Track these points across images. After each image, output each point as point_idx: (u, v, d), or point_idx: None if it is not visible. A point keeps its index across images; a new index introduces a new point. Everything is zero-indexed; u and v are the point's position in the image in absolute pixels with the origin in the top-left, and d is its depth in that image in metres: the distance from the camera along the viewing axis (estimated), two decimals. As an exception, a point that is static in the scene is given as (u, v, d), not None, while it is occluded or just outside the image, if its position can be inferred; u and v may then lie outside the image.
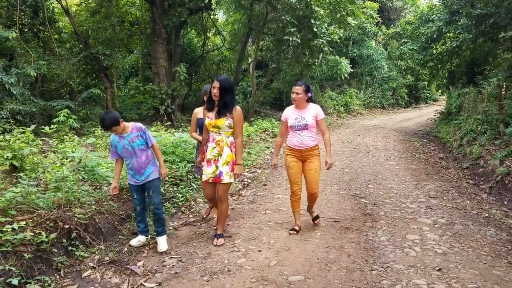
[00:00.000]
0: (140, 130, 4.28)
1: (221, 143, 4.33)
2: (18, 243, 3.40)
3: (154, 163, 4.38)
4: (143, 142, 4.28)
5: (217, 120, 4.28)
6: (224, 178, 4.34)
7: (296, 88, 4.66)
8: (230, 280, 3.66)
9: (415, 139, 13.82)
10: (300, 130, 4.70)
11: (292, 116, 4.76)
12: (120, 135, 4.18)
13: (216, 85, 4.21)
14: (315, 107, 4.78)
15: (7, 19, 13.03)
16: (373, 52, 23.77)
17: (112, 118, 4.04)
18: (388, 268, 3.96)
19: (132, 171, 4.29)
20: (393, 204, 6.16)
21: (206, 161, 4.40)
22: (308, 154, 4.73)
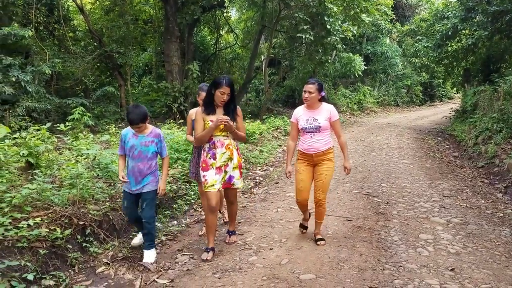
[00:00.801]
0: (158, 136, 4.02)
1: (231, 147, 4.08)
2: (33, 239, 3.46)
3: (155, 174, 4.06)
4: (155, 150, 4.01)
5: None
6: (235, 182, 4.16)
7: (309, 86, 4.21)
8: (241, 278, 3.68)
9: (429, 138, 13.67)
10: (312, 132, 4.29)
11: (303, 117, 4.34)
12: (136, 132, 3.92)
13: (227, 91, 3.91)
14: (329, 107, 4.36)
15: (23, 17, 13.23)
16: (387, 49, 23.56)
17: (142, 113, 3.80)
18: (401, 268, 3.94)
19: (129, 176, 3.97)
20: (406, 203, 6.12)
21: (216, 168, 4.03)
22: (320, 158, 4.32)
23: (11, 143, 5.35)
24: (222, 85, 3.87)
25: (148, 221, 4.00)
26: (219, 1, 16.12)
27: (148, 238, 4.06)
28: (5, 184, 4.18)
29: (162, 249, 4.41)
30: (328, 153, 4.33)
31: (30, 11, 13.18)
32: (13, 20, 12.36)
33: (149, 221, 4.01)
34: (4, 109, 10.24)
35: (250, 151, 9.31)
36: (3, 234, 3.36)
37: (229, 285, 3.55)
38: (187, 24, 15.25)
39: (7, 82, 10.48)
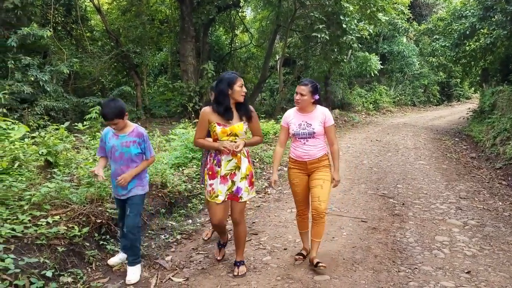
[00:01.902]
0: (141, 136, 3.58)
1: (239, 153, 3.57)
2: (52, 236, 3.53)
3: (141, 177, 3.65)
4: (138, 151, 3.58)
5: (235, 126, 3.51)
6: (243, 195, 3.61)
7: (301, 88, 3.76)
8: (255, 278, 3.70)
9: (446, 138, 13.49)
10: (305, 138, 3.83)
11: (295, 121, 3.86)
12: (116, 131, 3.54)
13: (243, 82, 3.52)
14: (323, 110, 3.88)
15: (41, 17, 13.45)
16: (404, 49, 23.31)
17: (117, 107, 3.39)
18: (416, 270, 3.92)
19: (113, 180, 3.65)
20: (422, 204, 6.06)
21: (221, 178, 3.56)
22: (314, 166, 3.87)
23: (30, 142, 5.45)
24: (237, 78, 3.47)
25: (131, 230, 3.57)
26: (235, 0, 16.16)
27: (132, 252, 3.62)
28: (24, 183, 4.27)
29: (177, 247, 4.45)
30: (323, 160, 3.90)
31: (48, 11, 13.41)
32: (31, 20, 12.57)
33: (132, 230, 3.57)
34: (23, 108, 10.43)
35: (264, 151, 9.31)
36: (22, 232, 3.44)
37: (244, 284, 3.57)
38: (202, 24, 15.34)
39: (26, 81, 10.68)
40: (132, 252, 3.63)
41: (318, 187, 3.80)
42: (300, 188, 3.97)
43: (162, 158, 6.02)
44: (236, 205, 3.66)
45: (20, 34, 10.63)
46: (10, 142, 5.00)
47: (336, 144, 3.95)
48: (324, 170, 3.88)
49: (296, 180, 3.95)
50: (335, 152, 3.94)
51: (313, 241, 3.91)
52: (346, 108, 20.34)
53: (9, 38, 10.49)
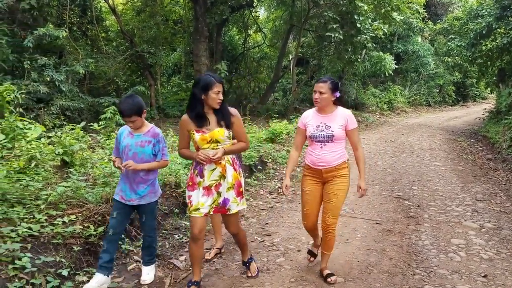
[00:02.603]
0: (156, 136, 3.44)
1: (223, 161, 3.27)
2: (68, 235, 3.57)
3: (153, 184, 3.53)
4: (152, 153, 3.44)
5: (215, 132, 3.22)
6: (231, 206, 3.31)
7: (319, 85, 3.47)
8: (269, 279, 3.69)
9: (462, 139, 13.32)
10: (323, 142, 3.50)
11: (313, 122, 3.55)
12: (132, 130, 3.42)
13: (221, 89, 3.17)
14: (345, 112, 3.56)
15: (57, 18, 13.62)
16: (419, 48, 23.06)
17: (136, 104, 3.27)
18: (431, 273, 3.87)
19: (123, 182, 3.47)
20: (438, 206, 5.98)
21: (204, 189, 3.27)
22: (330, 175, 3.53)
23: (47, 141, 5.52)
24: (214, 83, 3.12)
25: (149, 234, 3.59)
26: (248, 0, 16.17)
27: (148, 252, 3.64)
28: (41, 182, 4.32)
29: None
30: (342, 168, 3.53)
31: (64, 12, 13.56)
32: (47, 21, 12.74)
33: (151, 233, 3.59)
34: (39, 107, 10.57)
35: (277, 151, 9.29)
36: (39, 231, 3.48)
37: (257, 285, 3.57)
38: (216, 24, 15.37)
39: (42, 81, 10.81)
40: (148, 252, 3.63)
41: (331, 203, 3.53)
42: (311, 197, 3.61)
43: (176, 158, 6.04)
44: (227, 218, 3.41)
45: (36, 35, 10.77)
46: (27, 142, 5.07)
47: (360, 149, 3.60)
48: (341, 181, 3.54)
49: (308, 188, 3.62)
50: (360, 157, 3.59)
51: (323, 253, 3.72)
52: (360, 108, 20.20)
53: (26, 39, 10.64)
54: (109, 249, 3.38)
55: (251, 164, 7.53)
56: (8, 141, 5.14)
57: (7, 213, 3.51)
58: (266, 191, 6.82)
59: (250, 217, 5.49)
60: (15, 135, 5.26)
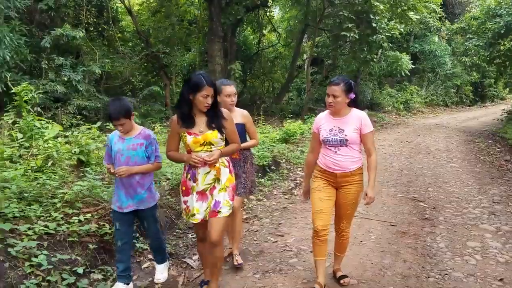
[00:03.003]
0: (148, 138, 3.33)
1: (217, 164, 3.11)
2: (84, 234, 3.62)
3: (150, 189, 3.42)
4: (145, 155, 3.33)
5: (208, 134, 3.05)
6: (222, 209, 3.10)
7: (332, 88, 3.24)
8: (282, 280, 3.69)
9: (479, 140, 13.09)
10: (336, 146, 3.33)
11: (326, 126, 3.38)
12: (122, 135, 3.31)
13: (210, 93, 2.98)
14: (360, 115, 3.34)
15: (73, 18, 13.83)
16: (436, 48, 22.75)
17: (125, 106, 3.18)
18: (446, 276, 3.83)
19: (118, 189, 3.36)
20: (454, 209, 5.90)
21: (198, 194, 3.11)
22: (345, 180, 3.36)
23: (63, 141, 5.60)
24: (203, 86, 2.94)
25: (156, 236, 3.55)
26: (263, 0, 16.17)
27: (159, 253, 3.65)
28: (57, 181, 4.38)
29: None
30: (357, 174, 3.37)
31: (81, 13, 13.76)
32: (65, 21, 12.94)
33: (157, 236, 3.55)
34: (56, 107, 10.75)
35: (291, 151, 9.27)
36: (55, 229, 3.54)
37: (270, 286, 3.58)
38: (230, 24, 15.42)
39: (59, 81, 10.99)
40: (159, 252, 3.64)
41: (345, 210, 3.44)
42: (323, 196, 3.39)
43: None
44: (214, 222, 3.09)
45: (54, 35, 10.94)
46: (44, 141, 5.15)
47: (374, 155, 3.37)
48: (355, 187, 3.37)
49: (321, 186, 3.42)
50: (372, 163, 3.36)
51: (337, 255, 3.62)
52: (376, 108, 20.02)
53: (43, 39, 10.82)
54: (122, 258, 3.37)
55: (264, 164, 7.53)
56: (26, 140, 5.23)
57: (24, 211, 3.58)
58: (279, 191, 6.81)
59: (263, 217, 5.49)
60: (32, 134, 5.35)
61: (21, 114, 5.62)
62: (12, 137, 5.27)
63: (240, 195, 3.93)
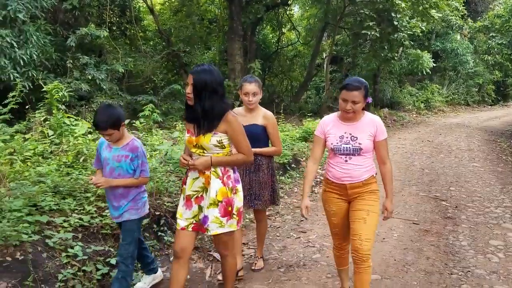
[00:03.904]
0: (135, 150, 3.02)
1: (207, 172, 2.77)
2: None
3: (135, 200, 3.09)
4: (131, 168, 3.03)
5: (201, 137, 2.72)
6: (210, 226, 2.76)
7: (353, 94, 2.80)
8: (306, 274, 3.78)
9: (501, 140, 12.93)
10: (348, 155, 2.94)
11: (336, 132, 2.96)
12: (109, 142, 3.04)
13: (190, 81, 2.67)
14: (373, 119, 2.98)
15: (97, 17, 14.12)
16: (457, 46, 22.44)
17: (113, 115, 2.88)
18: (469, 273, 3.86)
19: (107, 200, 3.17)
20: (476, 208, 5.89)
21: (185, 198, 2.85)
22: (357, 191, 2.97)
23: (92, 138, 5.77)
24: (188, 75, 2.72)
25: (123, 261, 3.02)
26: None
27: (119, 285, 3.00)
28: (89, 176, 4.54)
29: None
30: (370, 183, 2.99)
31: (104, 12, 14.06)
32: (88, 20, 13.23)
33: (124, 261, 3.02)
34: (80, 105, 11.01)
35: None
36: (89, 221, 3.69)
37: (294, 279, 3.67)
38: (250, 23, 15.52)
39: (84, 79, 11.25)
40: (119, 284, 3.01)
41: (360, 221, 2.90)
42: (338, 218, 3.09)
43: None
44: (217, 238, 2.87)
45: (79, 34, 11.22)
46: (74, 138, 5.33)
47: (389, 164, 3.03)
48: (370, 197, 2.97)
49: (333, 208, 3.07)
50: (387, 173, 3.02)
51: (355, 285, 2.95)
52: (396, 107, 19.86)
53: (68, 38, 11.09)
54: (140, 259, 3.34)
55: (285, 162, 7.61)
56: (56, 137, 5.43)
57: (59, 205, 3.73)
58: (300, 189, 6.88)
59: (285, 214, 5.58)
60: (62, 131, 5.55)
61: (51, 111, 5.83)
62: (43, 134, 5.47)
63: (256, 208, 3.70)
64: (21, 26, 9.40)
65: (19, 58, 9.21)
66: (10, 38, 9.06)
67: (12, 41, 9.10)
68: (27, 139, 5.14)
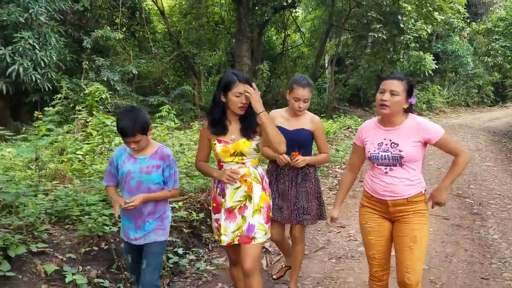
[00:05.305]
0: (166, 159, 2.68)
1: (249, 179, 2.68)
2: (178, 219, 3.99)
3: (162, 218, 2.75)
4: (161, 179, 2.68)
5: (240, 143, 2.65)
6: (257, 234, 2.66)
7: (392, 82, 2.49)
8: (357, 264, 4.02)
9: (505, 140, 13.24)
10: (388, 166, 2.57)
11: (374, 139, 2.63)
12: (133, 152, 2.65)
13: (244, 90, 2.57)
14: (419, 120, 2.58)
15: (107, 19, 14.31)
16: (458, 48, 22.85)
17: (141, 119, 2.53)
18: (506, 263, 4.12)
19: (126, 218, 2.73)
20: (498, 205, 6.16)
21: (226, 212, 2.70)
22: (399, 210, 2.58)
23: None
24: (234, 82, 2.56)
25: (146, 284, 2.65)
26: (290, 2, 16.48)
27: None
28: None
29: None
30: (416, 201, 2.57)
31: (115, 14, 14.26)
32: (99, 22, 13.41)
33: (147, 284, 2.65)
34: (95, 106, 11.19)
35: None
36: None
37: (347, 269, 3.91)
38: (257, 25, 15.77)
39: (99, 80, 11.44)
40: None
41: (406, 250, 2.51)
42: (375, 237, 2.67)
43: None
44: (246, 249, 2.65)
45: (94, 36, 11.41)
46: (121, 137, 5.51)
47: (463, 155, 2.57)
48: (417, 219, 2.55)
49: (370, 225, 2.68)
50: (457, 163, 2.60)
51: None
52: (398, 108, 20.14)
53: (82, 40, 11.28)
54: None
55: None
56: (99, 137, 5.62)
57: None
58: (325, 187, 7.10)
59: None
60: (103, 131, 5.74)
61: (92, 113, 6.02)
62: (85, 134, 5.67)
63: (305, 223, 3.27)
64: (40, 28, 9.58)
65: (40, 59, 9.40)
66: (32, 40, 9.24)
67: (34, 43, 9.28)
68: (75, 139, 5.33)
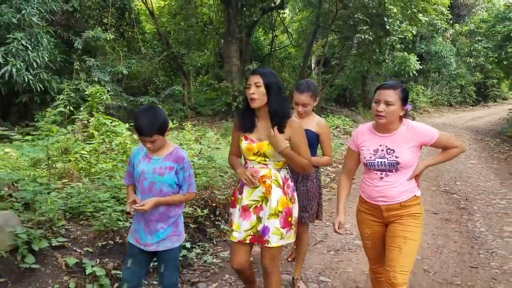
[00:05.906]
0: (180, 161, 2.57)
1: (269, 180, 2.63)
2: (184, 215, 4.13)
3: (176, 224, 2.64)
4: (175, 182, 2.57)
5: (264, 143, 2.60)
6: (271, 238, 2.62)
7: (387, 92, 2.52)
8: (354, 256, 4.25)
9: (488, 139, 13.71)
10: (384, 171, 2.60)
11: (370, 145, 2.65)
12: (148, 152, 2.57)
13: (253, 81, 2.52)
14: (414, 125, 2.62)
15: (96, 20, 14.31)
16: (441, 49, 23.40)
17: (160, 119, 2.45)
18: (493, 253, 4.42)
19: (136, 221, 2.64)
20: (483, 200, 6.49)
21: (241, 209, 2.69)
22: (394, 214, 2.62)
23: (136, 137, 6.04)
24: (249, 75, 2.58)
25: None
26: (278, 3, 16.70)
27: None
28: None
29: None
30: (410, 205, 2.61)
31: (104, 14, 14.28)
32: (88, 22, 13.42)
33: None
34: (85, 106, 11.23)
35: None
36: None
37: (346, 260, 4.14)
38: (246, 26, 15.95)
39: (90, 81, 11.49)
40: None
41: (396, 250, 2.54)
42: (372, 242, 2.78)
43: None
44: (265, 251, 2.69)
45: (85, 37, 11.45)
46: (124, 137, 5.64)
47: (460, 147, 2.69)
48: (410, 221, 2.59)
49: (367, 232, 2.77)
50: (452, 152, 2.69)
51: None
52: (383, 108, 20.55)
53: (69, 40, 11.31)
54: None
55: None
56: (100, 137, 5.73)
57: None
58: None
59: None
60: (104, 131, 5.85)
61: (92, 113, 6.12)
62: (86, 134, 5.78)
63: (303, 221, 3.40)
64: (31, 29, 9.60)
65: (32, 60, 9.42)
66: (25, 41, 9.27)
67: (27, 44, 9.31)
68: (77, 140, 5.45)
